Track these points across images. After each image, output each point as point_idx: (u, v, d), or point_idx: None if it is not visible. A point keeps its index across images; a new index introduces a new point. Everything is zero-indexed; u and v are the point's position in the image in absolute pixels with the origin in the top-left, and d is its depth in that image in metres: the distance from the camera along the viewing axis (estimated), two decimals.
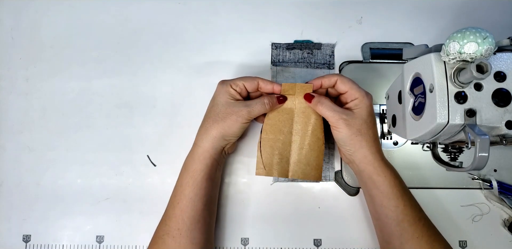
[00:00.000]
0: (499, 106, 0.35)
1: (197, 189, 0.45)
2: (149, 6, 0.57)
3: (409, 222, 0.43)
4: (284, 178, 0.52)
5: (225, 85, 0.46)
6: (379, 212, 0.45)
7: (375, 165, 0.45)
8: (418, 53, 0.39)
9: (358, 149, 0.45)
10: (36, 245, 0.52)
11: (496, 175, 0.52)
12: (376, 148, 0.45)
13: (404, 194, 0.44)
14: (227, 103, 0.46)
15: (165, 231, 0.44)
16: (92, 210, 0.52)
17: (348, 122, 0.44)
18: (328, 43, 0.56)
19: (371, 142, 0.45)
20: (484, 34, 0.32)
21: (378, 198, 0.45)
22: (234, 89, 0.46)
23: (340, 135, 0.44)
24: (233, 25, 0.57)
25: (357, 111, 0.45)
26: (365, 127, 0.44)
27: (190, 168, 0.46)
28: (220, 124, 0.45)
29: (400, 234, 0.43)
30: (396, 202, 0.44)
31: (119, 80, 0.56)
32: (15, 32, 0.57)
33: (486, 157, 0.33)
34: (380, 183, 0.44)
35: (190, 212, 0.44)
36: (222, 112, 0.45)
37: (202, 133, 0.46)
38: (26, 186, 0.53)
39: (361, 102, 0.45)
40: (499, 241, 0.51)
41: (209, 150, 0.46)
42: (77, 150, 0.54)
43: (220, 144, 0.46)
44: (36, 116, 0.55)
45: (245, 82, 0.46)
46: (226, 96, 0.46)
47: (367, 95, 0.45)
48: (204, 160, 0.46)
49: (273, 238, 0.51)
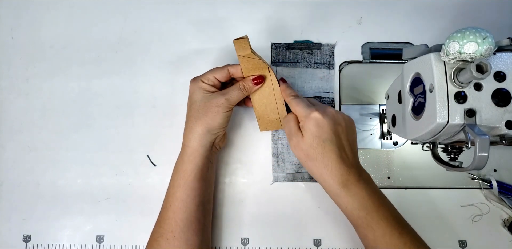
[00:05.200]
0: (499, 106, 0.35)
1: (188, 190, 0.45)
2: (149, 6, 0.57)
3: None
4: (284, 178, 0.52)
5: (197, 82, 0.46)
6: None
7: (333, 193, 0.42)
8: (418, 53, 0.39)
9: (313, 175, 0.43)
10: (36, 245, 0.52)
11: (496, 175, 0.52)
12: (333, 174, 0.41)
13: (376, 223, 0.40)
14: (203, 98, 0.45)
15: (159, 234, 0.44)
16: (92, 210, 0.52)
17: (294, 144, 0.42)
18: (328, 43, 0.56)
19: (323, 169, 0.41)
20: (484, 34, 0.32)
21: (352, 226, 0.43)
22: (206, 84, 0.46)
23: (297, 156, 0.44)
24: (233, 25, 0.57)
25: (304, 133, 0.42)
26: (312, 152, 0.41)
27: (181, 169, 0.45)
28: (203, 119, 0.45)
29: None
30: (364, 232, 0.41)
31: (119, 80, 0.56)
32: (15, 32, 0.57)
33: (486, 156, 0.33)
34: (344, 210, 0.42)
35: (183, 214, 0.44)
36: (202, 108, 0.45)
37: (188, 132, 0.46)
38: (26, 186, 0.53)
39: (304, 124, 0.42)
40: (499, 241, 0.51)
41: (198, 149, 0.45)
42: (77, 150, 0.54)
43: (208, 139, 0.46)
44: (36, 116, 0.55)
45: (215, 74, 0.46)
46: (201, 92, 0.46)
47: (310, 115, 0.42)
48: (194, 160, 0.45)
49: (273, 238, 0.51)
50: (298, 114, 0.44)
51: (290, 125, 0.44)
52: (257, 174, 0.53)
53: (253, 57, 0.45)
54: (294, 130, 0.43)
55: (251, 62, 0.45)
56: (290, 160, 0.53)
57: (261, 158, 0.53)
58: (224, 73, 0.46)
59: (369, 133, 0.54)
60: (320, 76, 0.55)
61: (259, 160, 0.53)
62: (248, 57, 0.45)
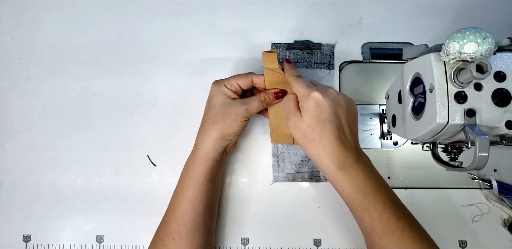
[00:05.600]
0: (499, 106, 0.35)
1: (197, 191, 0.45)
2: (149, 6, 0.57)
3: (379, 235, 0.39)
4: (284, 178, 0.52)
5: (219, 86, 0.46)
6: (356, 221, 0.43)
7: (330, 174, 0.41)
8: (418, 53, 0.39)
9: (310, 156, 0.42)
10: (36, 245, 0.52)
11: (496, 175, 0.52)
12: (331, 155, 0.40)
13: (372, 207, 0.39)
14: (224, 103, 0.45)
15: (165, 233, 0.44)
16: (92, 210, 0.52)
17: (292, 124, 0.41)
18: (328, 43, 0.56)
19: (320, 150, 0.40)
20: (484, 34, 0.32)
21: (349, 208, 0.42)
22: (229, 89, 0.46)
23: (295, 138, 0.42)
24: (233, 25, 0.57)
25: (303, 113, 0.41)
26: (311, 132, 0.40)
27: (191, 171, 0.45)
28: (220, 124, 0.45)
29: (372, 247, 0.41)
30: (360, 215, 0.40)
31: (119, 80, 0.56)
32: (15, 32, 0.57)
33: (486, 156, 0.33)
34: (341, 193, 0.42)
35: (191, 215, 0.44)
36: (220, 113, 0.45)
37: (202, 135, 0.46)
38: (26, 186, 0.53)
39: (303, 104, 0.41)
40: (499, 241, 0.51)
41: (210, 152, 0.45)
42: (77, 150, 0.54)
43: (221, 144, 0.46)
44: (36, 116, 0.55)
45: (238, 81, 0.46)
46: (222, 96, 0.45)
47: (310, 94, 0.40)
48: (206, 163, 0.45)
49: (273, 238, 0.51)
50: (298, 94, 0.42)
51: (289, 105, 0.43)
52: (257, 174, 0.53)
53: (279, 71, 0.45)
54: (293, 110, 0.42)
55: (276, 76, 0.46)
56: (290, 160, 0.53)
57: (261, 157, 0.53)
58: (247, 81, 0.46)
59: (369, 133, 0.54)
60: (320, 76, 0.55)
61: (259, 159, 0.53)
62: (273, 71, 0.45)
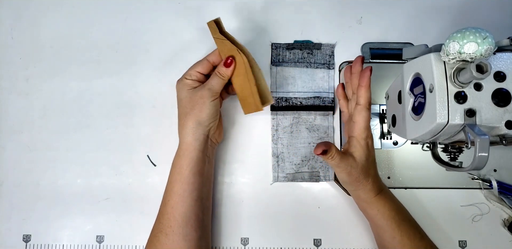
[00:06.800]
0: (499, 106, 0.35)
1: (185, 184, 0.45)
2: (149, 6, 0.57)
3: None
4: (284, 178, 0.52)
5: (181, 81, 0.48)
6: (378, 242, 0.47)
7: (368, 201, 0.46)
8: (418, 53, 0.39)
9: (352, 191, 0.47)
10: (36, 245, 0.52)
11: (496, 175, 0.52)
12: (372, 186, 0.45)
13: (401, 224, 0.45)
14: (188, 93, 0.46)
15: (158, 229, 0.45)
16: (92, 210, 0.52)
17: (349, 171, 0.44)
18: (328, 43, 0.56)
19: (367, 185, 0.45)
20: (484, 34, 0.32)
21: (375, 229, 0.47)
22: (189, 79, 0.47)
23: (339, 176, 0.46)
24: (233, 25, 0.57)
25: (356, 155, 0.45)
26: (363, 175, 0.45)
27: (177, 164, 0.46)
28: (191, 113, 0.46)
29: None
30: (391, 234, 0.44)
31: (119, 80, 0.56)
32: (15, 32, 0.57)
33: (486, 156, 0.33)
34: (373, 215, 0.46)
35: (181, 209, 0.44)
36: (188, 103, 0.46)
37: (180, 129, 0.47)
38: (26, 186, 0.53)
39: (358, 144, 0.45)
40: (499, 241, 0.51)
41: (192, 143, 0.46)
42: (77, 150, 0.54)
43: (200, 132, 0.46)
44: (36, 116, 0.55)
45: (196, 69, 0.47)
46: (185, 88, 0.47)
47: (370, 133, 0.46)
48: (189, 154, 0.46)
49: (273, 238, 0.51)
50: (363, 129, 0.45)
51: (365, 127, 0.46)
52: (257, 173, 0.53)
53: (222, 38, 0.44)
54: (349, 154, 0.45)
55: (224, 44, 0.45)
56: (290, 160, 0.53)
57: (261, 157, 0.53)
58: (204, 65, 0.47)
59: None
60: (320, 76, 0.55)
61: (259, 159, 0.53)
62: (221, 39, 0.45)
